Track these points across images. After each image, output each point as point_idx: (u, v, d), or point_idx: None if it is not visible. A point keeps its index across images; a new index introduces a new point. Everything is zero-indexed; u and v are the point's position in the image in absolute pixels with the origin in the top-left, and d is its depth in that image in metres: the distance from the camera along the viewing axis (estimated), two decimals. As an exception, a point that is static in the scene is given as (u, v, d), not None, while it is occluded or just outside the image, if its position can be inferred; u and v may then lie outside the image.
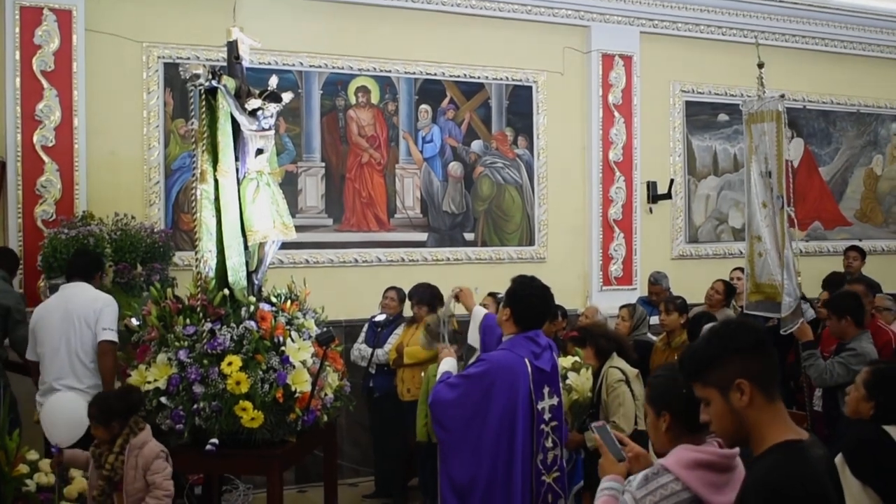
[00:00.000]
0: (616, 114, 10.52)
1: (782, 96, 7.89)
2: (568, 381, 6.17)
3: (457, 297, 6.00)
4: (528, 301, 5.24)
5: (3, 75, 8.01)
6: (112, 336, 6.62)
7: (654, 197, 10.76)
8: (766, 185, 7.83)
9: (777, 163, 7.72)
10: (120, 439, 5.01)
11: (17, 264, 7.56)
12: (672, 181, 10.78)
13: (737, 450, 3.21)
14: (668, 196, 10.74)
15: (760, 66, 8.04)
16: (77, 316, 6.58)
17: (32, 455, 4.95)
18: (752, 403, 2.81)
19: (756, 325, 3.05)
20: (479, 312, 5.74)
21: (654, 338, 8.35)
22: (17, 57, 8.00)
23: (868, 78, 12.04)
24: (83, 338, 6.57)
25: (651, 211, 10.81)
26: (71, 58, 8.17)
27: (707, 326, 4.34)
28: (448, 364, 5.46)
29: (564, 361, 6.39)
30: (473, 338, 5.68)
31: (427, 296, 8.11)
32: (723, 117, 11.24)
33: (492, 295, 7.55)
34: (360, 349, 8.37)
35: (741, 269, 9.28)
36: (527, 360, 5.10)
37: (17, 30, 8.01)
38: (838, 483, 2.87)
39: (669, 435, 3.34)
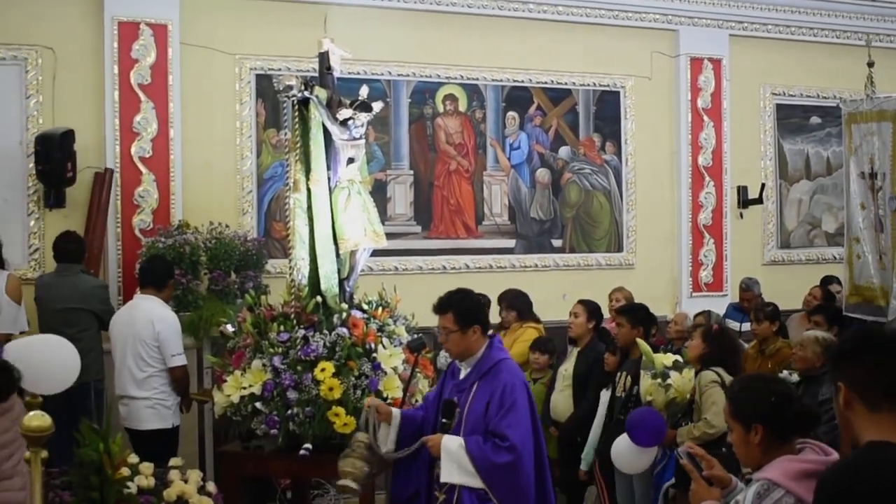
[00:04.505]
0: (705, 118, 10.40)
1: None
2: (669, 380, 6.10)
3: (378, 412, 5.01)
4: (480, 308, 5.25)
5: (103, 89, 8.20)
6: (181, 361, 6.85)
7: (744, 202, 10.62)
8: (868, 186, 7.68)
9: (892, 163, 7.55)
10: None
11: (83, 246, 7.59)
12: (763, 185, 10.62)
13: (836, 456, 3.17)
14: (759, 201, 10.58)
15: (871, 64, 7.90)
16: (135, 335, 6.78)
17: (133, 458, 5.04)
18: (850, 407, 2.77)
19: (870, 333, 2.95)
20: (452, 444, 4.69)
21: (745, 345, 8.23)
22: (116, 71, 8.18)
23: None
24: (140, 355, 6.77)
25: (742, 216, 10.67)
26: (167, 71, 8.33)
27: None
28: (451, 442, 4.72)
29: (666, 359, 6.32)
30: (452, 474, 4.68)
31: (516, 302, 8.11)
32: (815, 120, 11.04)
33: (582, 303, 7.51)
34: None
35: (827, 285, 9.16)
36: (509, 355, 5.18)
37: (116, 44, 8.18)
38: None
39: (762, 448, 3.27)
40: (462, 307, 4.94)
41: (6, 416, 4.96)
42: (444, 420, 4.76)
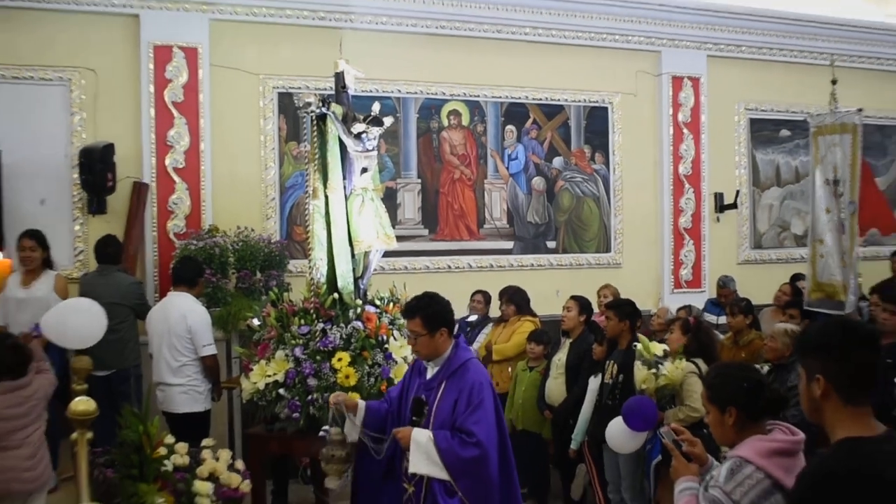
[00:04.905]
0: (685, 131, 10.41)
1: (860, 110, 7.73)
2: (662, 369, 6.10)
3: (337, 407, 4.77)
4: (447, 312, 4.83)
5: (140, 106, 8.24)
6: (212, 350, 6.87)
7: (721, 207, 10.62)
8: (832, 192, 7.69)
9: (851, 171, 7.57)
10: None
11: (120, 249, 7.67)
12: (738, 192, 10.63)
13: (802, 436, 3.18)
14: (734, 206, 10.59)
15: (834, 82, 7.91)
16: (169, 328, 6.80)
17: (169, 439, 5.08)
18: (826, 399, 2.76)
19: (855, 327, 2.90)
20: (422, 437, 4.50)
21: (721, 336, 8.25)
22: (151, 90, 8.23)
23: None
24: (175, 346, 6.80)
25: (718, 220, 10.67)
26: (197, 90, 8.37)
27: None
28: (420, 435, 4.52)
29: (656, 349, 6.33)
30: (420, 465, 4.47)
31: (516, 297, 8.14)
32: (784, 133, 11.05)
33: (574, 298, 7.53)
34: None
35: (795, 281, 9.17)
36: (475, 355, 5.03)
37: (151, 66, 8.23)
38: None
39: (735, 428, 3.28)
40: (429, 311, 4.69)
41: (17, 393, 5.09)
42: (413, 418, 4.58)
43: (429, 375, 4.76)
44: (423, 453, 4.44)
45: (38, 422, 5.30)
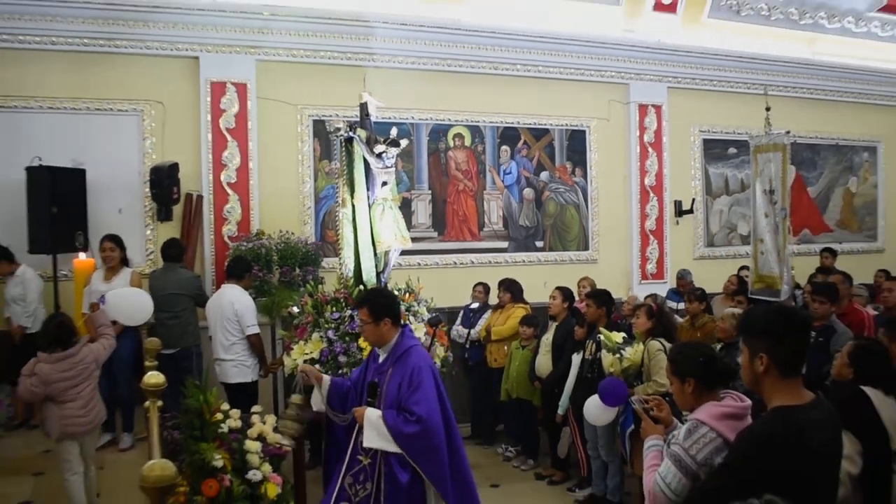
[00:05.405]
0: (650, 149, 10.38)
1: (788, 132, 7.71)
2: (624, 354, 6.11)
3: (306, 376, 4.73)
4: (392, 304, 4.66)
5: (199, 132, 8.25)
6: (255, 330, 6.88)
7: (679, 212, 10.59)
8: (768, 200, 7.67)
9: (782, 183, 7.56)
10: None
11: (183, 250, 7.67)
12: (693, 200, 10.61)
13: (749, 402, 3.18)
14: (690, 211, 10.56)
15: (768, 109, 7.88)
16: (221, 313, 6.84)
17: (225, 406, 5.07)
18: (767, 373, 2.77)
19: (793, 314, 2.88)
20: (373, 415, 4.38)
21: (680, 319, 8.23)
22: (209, 119, 8.24)
23: (845, 117, 11.71)
24: (226, 328, 6.83)
25: (678, 223, 10.64)
26: (247, 118, 8.37)
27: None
28: (372, 413, 4.40)
29: (617, 337, 6.32)
30: (372, 440, 4.37)
31: (511, 287, 8.14)
32: (732, 150, 11.02)
33: (559, 288, 7.51)
34: (458, 329, 8.39)
35: (740, 271, 9.15)
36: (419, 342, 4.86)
37: (209, 99, 8.24)
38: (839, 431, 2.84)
39: (694, 395, 3.29)
40: (375, 303, 4.54)
41: (67, 360, 5.47)
42: (369, 399, 4.47)
43: (380, 360, 4.64)
44: (374, 429, 4.34)
45: (88, 380, 5.61)
